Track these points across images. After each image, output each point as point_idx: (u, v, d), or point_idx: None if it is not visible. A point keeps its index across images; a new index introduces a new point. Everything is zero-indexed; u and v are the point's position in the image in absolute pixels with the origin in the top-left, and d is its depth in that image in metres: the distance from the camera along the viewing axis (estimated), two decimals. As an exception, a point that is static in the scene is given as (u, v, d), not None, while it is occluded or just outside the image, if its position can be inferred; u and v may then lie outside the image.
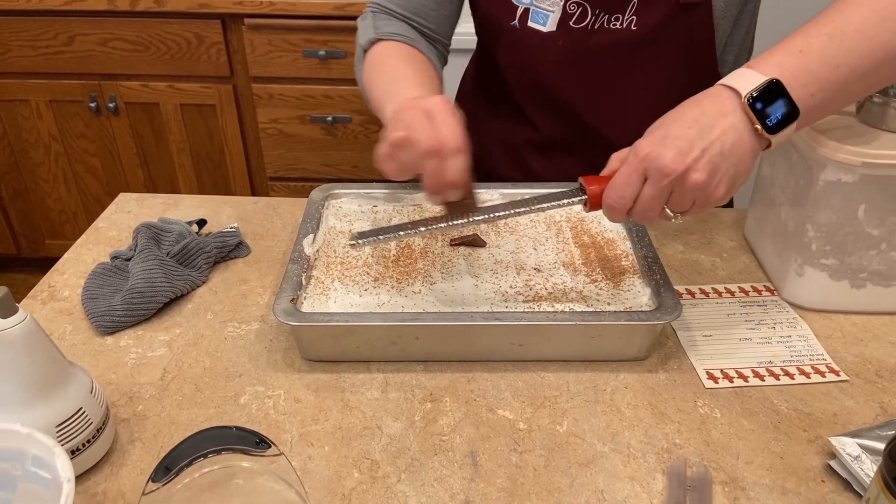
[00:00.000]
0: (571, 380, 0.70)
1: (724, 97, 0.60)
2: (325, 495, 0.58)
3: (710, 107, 0.60)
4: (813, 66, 0.60)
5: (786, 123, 0.60)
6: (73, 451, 0.57)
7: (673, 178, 0.58)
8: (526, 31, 0.87)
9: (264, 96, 1.90)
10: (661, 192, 0.60)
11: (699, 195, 0.60)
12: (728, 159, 0.59)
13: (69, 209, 2.14)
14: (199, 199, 0.99)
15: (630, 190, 0.61)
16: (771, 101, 0.59)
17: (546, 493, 0.59)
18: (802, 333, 0.76)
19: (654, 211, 0.61)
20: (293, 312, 0.69)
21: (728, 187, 0.60)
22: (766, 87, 0.59)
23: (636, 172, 0.60)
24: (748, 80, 0.60)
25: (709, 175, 0.58)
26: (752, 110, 0.59)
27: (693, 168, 0.58)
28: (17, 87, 1.93)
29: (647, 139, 0.61)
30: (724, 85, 0.61)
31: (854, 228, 0.74)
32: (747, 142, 0.60)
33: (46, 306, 0.79)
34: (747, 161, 0.61)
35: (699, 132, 0.59)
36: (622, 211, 0.62)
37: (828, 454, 0.62)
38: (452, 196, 0.66)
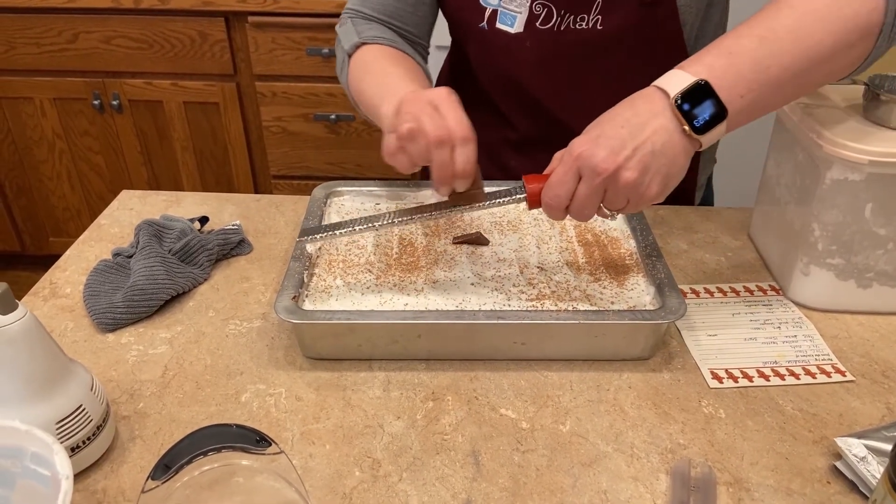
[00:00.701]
0: (574, 379, 0.69)
1: (655, 98, 0.61)
2: (325, 494, 0.58)
3: (642, 107, 0.61)
4: (743, 68, 0.61)
5: (713, 124, 0.60)
6: (73, 448, 0.57)
7: (605, 177, 0.60)
8: (495, 33, 0.87)
9: (268, 94, 1.90)
10: (594, 191, 0.61)
11: (632, 193, 0.61)
12: (659, 159, 0.60)
13: (73, 207, 2.14)
14: (202, 197, 0.99)
15: (565, 189, 0.62)
16: (698, 103, 0.60)
17: (549, 493, 0.58)
18: (808, 333, 0.75)
19: (589, 209, 0.63)
20: (295, 310, 0.69)
21: (661, 186, 0.61)
22: (693, 88, 0.60)
23: (570, 171, 0.61)
24: (677, 81, 0.61)
25: (640, 174, 0.60)
26: (680, 111, 0.60)
27: (624, 167, 0.59)
28: (21, 84, 1.93)
29: (582, 139, 0.62)
30: (656, 86, 0.62)
31: (861, 227, 0.73)
32: (678, 142, 0.61)
33: (48, 303, 0.79)
34: (680, 161, 0.61)
35: (631, 132, 0.60)
36: (559, 209, 0.64)
37: (833, 455, 0.61)
38: (461, 186, 0.66)
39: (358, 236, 0.83)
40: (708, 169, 1.04)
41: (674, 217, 0.95)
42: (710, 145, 0.62)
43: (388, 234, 0.83)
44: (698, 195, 1.04)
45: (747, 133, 1.88)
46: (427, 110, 0.64)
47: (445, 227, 0.85)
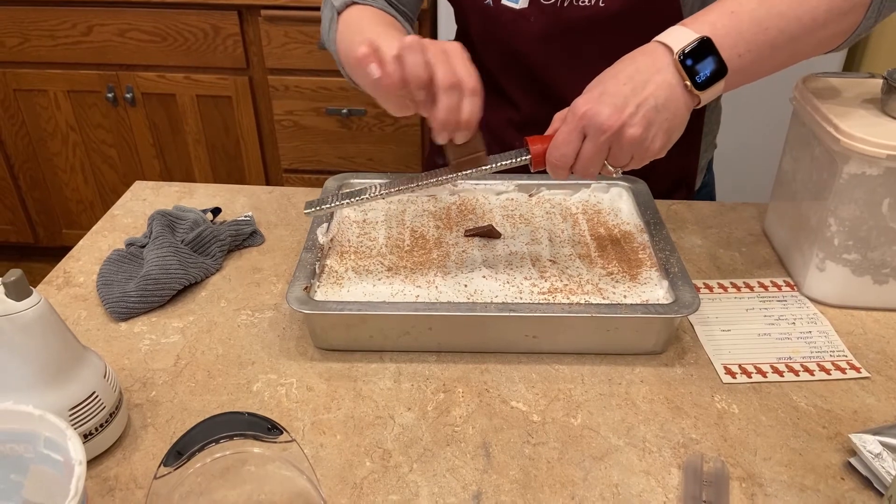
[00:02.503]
0: (586, 372, 0.69)
1: (657, 53, 0.63)
2: (336, 483, 0.58)
3: (643, 63, 0.63)
4: (743, 27, 0.63)
5: (714, 80, 0.62)
6: (85, 435, 0.57)
7: (610, 134, 0.61)
8: (500, 9, 0.87)
9: (280, 88, 1.90)
10: (600, 149, 0.62)
11: (636, 149, 0.62)
12: (661, 113, 0.61)
13: (86, 199, 2.16)
14: (214, 188, 0.99)
15: (570, 148, 0.63)
16: (701, 59, 0.61)
17: (559, 486, 0.58)
18: (823, 329, 0.75)
19: (594, 166, 0.64)
20: (306, 301, 0.69)
21: (664, 141, 0.63)
22: (697, 44, 0.61)
23: (575, 130, 0.62)
24: (681, 37, 0.62)
25: (644, 129, 0.61)
26: (683, 67, 0.61)
27: (628, 123, 0.60)
28: (35, 76, 1.94)
29: (585, 97, 0.63)
30: (659, 41, 0.63)
31: (878, 223, 0.72)
32: (679, 97, 0.62)
33: (61, 292, 0.79)
34: (681, 115, 0.63)
35: (633, 88, 0.61)
36: (564, 168, 0.64)
37: (848, 451, 0.61)
38: (461, 137, 0.64)
39: (370, 228, 0.83)
40: (709, 153, 1.04)
41: (688, 212, 0.94)
42: (707, 102, 0.63)
43: (399, 226, 0.83)
44: (699, 179, 1.04)
45: (755, 126, 1.87)
46: (440, 55, 0.61)
47: (457, 219, 0.84)
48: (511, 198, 0.89)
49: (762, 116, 1.80)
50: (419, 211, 0.86)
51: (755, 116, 1.82)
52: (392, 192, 0.70)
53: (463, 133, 0.64)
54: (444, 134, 0.64)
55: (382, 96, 0.66)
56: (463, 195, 0.89)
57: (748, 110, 1.82)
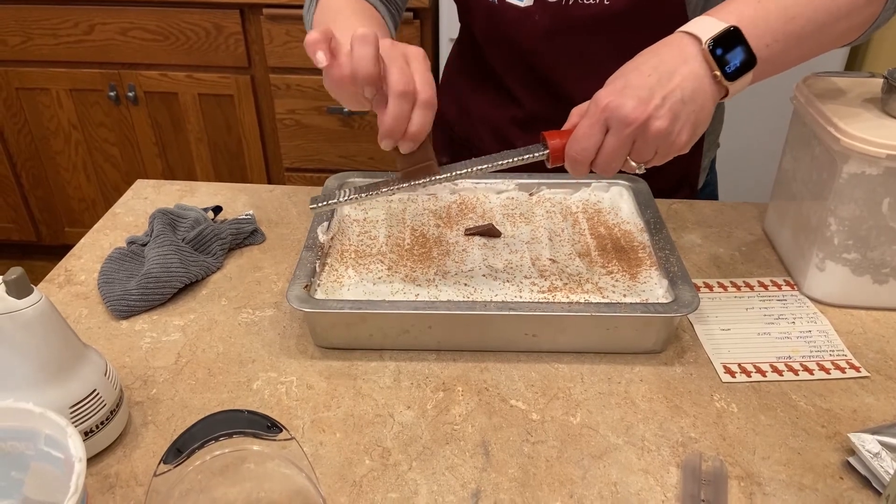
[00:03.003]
0: (586, 371, 0.69)
1: (684, 43, 0.60)
2: (335, 481, 0.58)
3: (668, 54, 0.60)
4: (770, 17, 0.61)
5: (743, 71, 0.60)
6: (86, 432, 0.58)
7: (635, 127, 0.58)
8: (504, 7, 0.87)
9: (282, 87, 1.90)
10: (623, 143, 0.60)
11: (662, 143, 0.60)
12: (688, 106, 0.59)
13: (88, 197, 2.16)
14: (216, 187, 1.00)
15: (592, 141, 0.60)
16: (730, 48, 0.59)
17: (558, 485, 0.58)
18: (823, 329, 0.75)
19: (617, 161, 0.61)
20: (307, 299, 0.69)
21: (690, 134, 0.60)
22: (725, 33, 0.59)
23: (598, 124, 0.60)
24: (708, 26, 0.60)
25: (670, 122, 0.58)
26: (713, 56, 0.59)
27: (654, 116, 0.58)
28: (38, 75, 1.94)
29: (607, 89, 0.60)
30: (685, 31, 0.61)
31: (877, 222, 0.72)
32: (707, 88, 0.60)
33: (63, 290, 0.80)
34: (708, 108, 0.60)
35: (659, 80, 0.59)
36: (585, 163, 0.62)
37: (846, 451, 0.61)
38: (405, 148, 0.62)
39: (370, 226, 0.83)
40: (712, 152, 1.04)
41: (688, 211, 0.94)
42: (735, 94, 0.61)
43: (400, 224, 0.83)
44: (702, 178, 1.04)
45: (756, 125, 1.87)
46: (398, 58, 0.60)
47: (457, 218, 0.85)
48: (511, 197, 0.89)
49: (763, 116, 1.80)
50: (420, 210, 0.86)
51: (756, 116, 1.82)
52: (399, 188, 0.67)
53: (408, 144, 0.62)
54: (389, 141, 0.62)
55: (332, 87, 0.63)
56: (463, 194, 0.89)
57: (749, 110, 1.81)
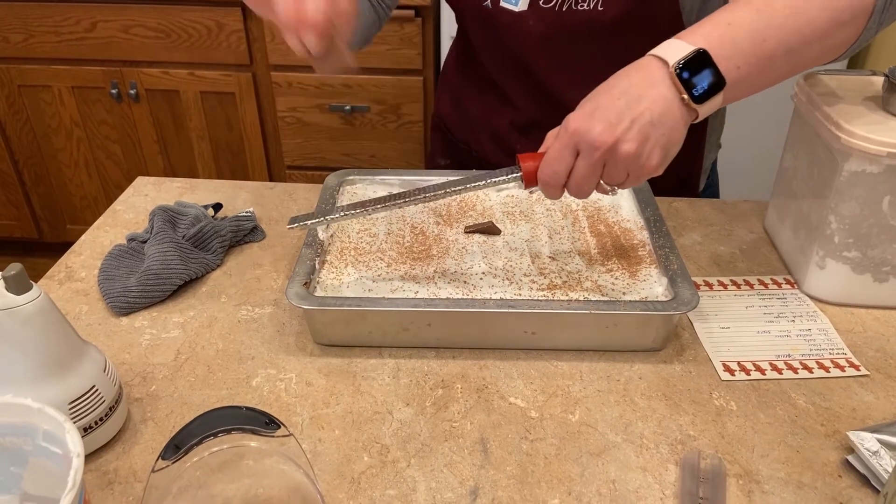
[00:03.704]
0: (585, 369, 0.69)
1: (652, 67, 0.60)
2: (334, 478, 0.58)
3: (637, 77, 0.60)
4: (739, 39, 0.60)
5: (712, 93, 0.60)
6: (85, 428, 0.58)
7: (603, 151, 0.58)
8: (499, 11, 0.87)
9: (283, 85, 1.90)
10: (594, 166, 0.60)
11: (632, 166, 0.60)
12: (658, 129, 0.59)
13: (90, 195, 2.16)
14: (216, 184, 1.00)
15: (563, 165, 0.61)
16: (697, 71, 0.59)
17: (556, 482, 0.58)
18: (822, 327, 0.75)
19: (588, 185, 0.62)
20: (306, 296, 0.69)
21: (661, 156, 0.60)
22: (693, 56, 0.59)
23: (568, 147, 0.60)
24: (676, 50, 0.60)
25: (639, 145, 0.58)
26: (680, 80, 0.59)
27: (623, 139, 0.58)
28: (40, 72, 1.95)
29: (577, 113, 0.61)
30: (654, 55, 0.61)
31: (878, 220, 0.72)
32: (676, 111, 0.60)
33: (63, 286, 0.80)
34: (678, 130, 0.60)
35: (627, 103, 0.59)
36: (557, 186, 0.63)
37: (845, 449, 0.61)
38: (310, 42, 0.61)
39: (370, 224, 0.83)
40: (713, 154, 1.04)
41: (688, 209, 0.94)
42: (705, 117, 0.62)
43: (400, 222, 0.83)
44: (703, 180, 1.03)
45: (757, 124, 1.87)
46: None
47: (457, 216, 0.85)
48: (511, 194, 0.89)
49: (763, 114, 1.80)
50: (420, 207, 0.86)
51: (756, 114, 1.82)
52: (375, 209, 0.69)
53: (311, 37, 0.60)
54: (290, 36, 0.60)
55: None
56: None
57: (749, 108, 1.80)
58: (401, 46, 1.83)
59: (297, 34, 0.60)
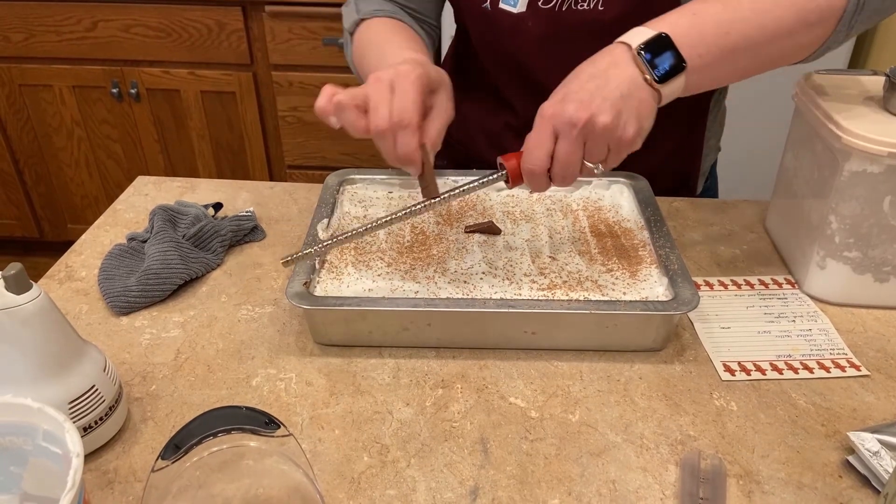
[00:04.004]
0: (585, 369, 0.69)
1: (616, 51, 0.63)
2: (334, 478, 0.58)
3: (603, 62, 0.63)
4: (704, 29, 0.63)
5: (673, 74, 0.62)
6: (85, 428, 0.58)
7: (581, 127, 0.60)
8: (497, 13, 0.87)
9: (284, 84, 1.90)
10: (574, 145, 0.62)
11: (611, 138, 0.62)
12: (629, 101, 0.61)
13: (91, 194, 2.17)
14: (216, 184, 1.00)
15: (544, 150, 0.62)
16: (659, 53, 0.62)
17: (556, 482, 0.58)
18: (823, 327, 0.74)
19: (573, 166, 0.63)
20: (306, 296, 0.69)
21: (636, 128, 0.62)
22: (654, 39, 0.62)
23: (546, 133, 0.62)
24: (640, 35, 0.63)
25: (614, 117, 0.60)
26: (643, 60, 0.62)
27: (597, 113, 0.60)
28: (40, 72, 1.95)
29: (549, 102, 0.63)
30: (619, 41, 0.64)
31: (879, 220, 0.72)
32: (642, 88, 0.62)
33: (63, 286, 0.80)
34: (648, 104, 0.62)
35: (597, 84, 0.61)
36: (541, 173, 0.64)
37: (846, 449, 0.61)
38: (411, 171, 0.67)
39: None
40: (712, 156, 1.04)
41: (689, 209, 0.94)
42: (669, 99, 0.64)
43: (400, 222, 0.83)
44: (702, 182, 1.03)
45: (755, 126, 1.86)
46: (384, 94, 0.64)
47: (457, 215, 0.85)
48: (511, 194, 0.89)
49: (764, 114, 1.80)
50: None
51: (757, 114, 1.82)
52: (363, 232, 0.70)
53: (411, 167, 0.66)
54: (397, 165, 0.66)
55: None
56: (464, 191, 0.89)
57: (750, 107, 1.81)
58: (401, 46, 1.83)
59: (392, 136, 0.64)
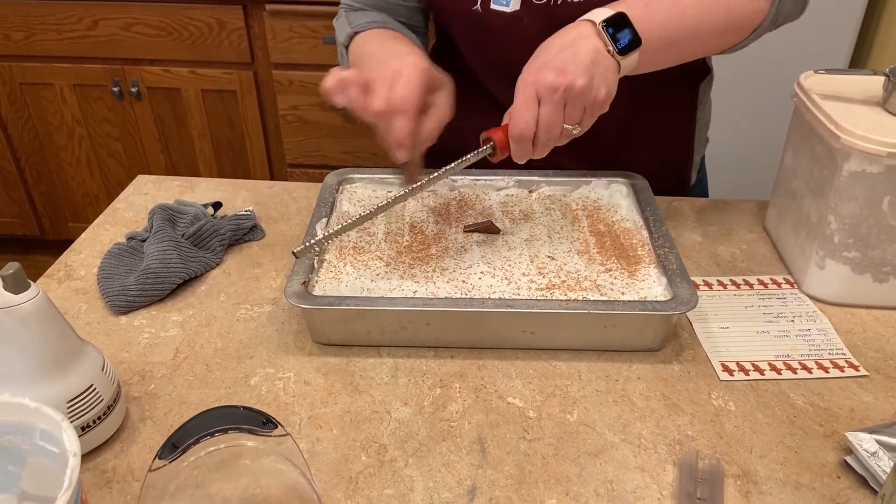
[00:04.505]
0: (583, 369, 0.69)
1: (581, 26, 0.71)
2: (332, 478, 0.58)
3: (570, 35, 0.71)
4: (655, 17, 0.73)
5: (632, 48, 0.70)
6: (83, 427, 0.58)
7: (562, 91, 0.66)
8: (489, 14, 0.87)
9: (284, 83, 1.90)
10: (556, 108, 0.68)
11: (587, 100, 0.68)
12: (597, 67, 0.68)
13: (92, 192, 2.17)
14: (216, 183, 1.00)
15: (531, 114, 0.68)
16: (620, 29, 0.70)
17: (554, 482, 0.58)
18: (822, 327, 0.74)
19: (556, 128, 0.69)
20: (305, 296, 0.69)
21: (606, 91, 0.69)
22: (615, 16, 0.71)
23: (530, 97, 0.68)
24: (601, 13, 0.71)
25: (588, 80, 0.67)
26: (606, 34, 0.70)
27: (575, 78, 0.67)
28: (41, 70, 1.95)
29: (528, 71, 0.69)
30: (583, 19, 0.72)
31: (878, 221, 0.72)
32: (606, 58, 0.70)
33: (62, 285, 0.80)
34: (612, 71, 0.70)
35: (569, 54, 0.68)
36: (529, 138, 0.69)
37: (844, 450, 0.61)
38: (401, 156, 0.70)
39: (368, 223, 0.83)
40: (702, 149, 1.05)
41: (688, 209, 0.94)
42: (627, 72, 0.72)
43: (398, 221, 0.83)
44: (694, 174, 1.04)
45: (754, 126, 1.86)
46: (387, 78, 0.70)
47: (457, 215, 0.84)
48: (511, 194, 0.89)
49: (763, 114, 1.80)
50: (419, 206, 0.86)
51: (756, 114, 1.82)
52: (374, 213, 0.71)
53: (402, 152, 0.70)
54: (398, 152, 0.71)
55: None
56: (463, 191, 0.89)
57: (749, 107, 1.81)
58: (402, 45, 1.83)
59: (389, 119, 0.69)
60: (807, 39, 1.69)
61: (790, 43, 1.44)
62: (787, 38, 0.91)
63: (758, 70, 1.71)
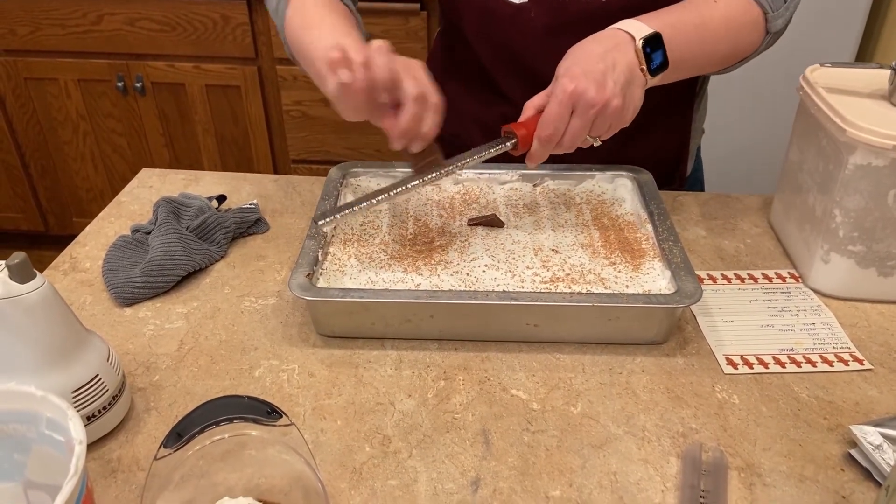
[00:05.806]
0: (587, 362, 0.69)
1: (619, 38, 0.71)
2: (336, 468, 0.59)
3: (610, 44, 0.71)
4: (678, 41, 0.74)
5: (660, 70, 0.72)
6: (88, 417, 0.58)
7: (598, 108, 0.68)
8: (498, 4, 0.86)
9: (288, 78, 1.90)
10: (587, 122, 0.69)
11: (615, 119, 0.70)
12: (630, 88, 0.70)
13: (96, 187, 2.17)
14: (220, 176, 1.00)
15: (563, 123, 0.69)
16: (655, 49, 0.72)
17: (558, 474, 0.58)
18: (827, 321, 0.74)
19: (580, 138, 0.70)
20: (309, 288, 0.69)
21: (633, 111, 0.71)
22: (653, 36, 0.71)
23: (567, 107, 0.68)
24: (639, 28, 0.71)
25: (623, 100, 0.69)
26: (643, 53, 0.70)
27: (612, 97, 0.68)
28: (46, 65, 1.95)
29: (568, 76, 0.69)
30: (620, 28, 0.72)
31: (883, 214, 0.72)
32: (638, 77, 0.71)
33: (68, 277, 0.80)
34: (640, 91, 0.72)
35: (606, 66, 0.68)
36: (555, 142, 0.70)
37: (848, 443, 0.61)
38: (417, 147, 0.69)
39: (373, 216, 0.83)
40: (698, 139, 1.06)
41: (692, 202, 0.94)
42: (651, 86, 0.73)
43: (403, 214, 0.83)
44: (691, 163, 1.04)
45: (759, 119, 1.85)
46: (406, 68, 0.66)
47: (461, 208, 0.85)
48: (515, 187, 0.89)
49: (768, 108, 1.79)
50: (423, 199, 0.86)
51: (761, 108, 1.81)
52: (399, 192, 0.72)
53: (419, 143, 0.69)
54: (402, 142, 0.68)
55: (344, 100, 0.67)
56: (467, 185, 0.89)
57: (755, 101, 1.80)
58: (406, 40, 1.82)
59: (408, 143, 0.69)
60: (813, 33, 1.68)
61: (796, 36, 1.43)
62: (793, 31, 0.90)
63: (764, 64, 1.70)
